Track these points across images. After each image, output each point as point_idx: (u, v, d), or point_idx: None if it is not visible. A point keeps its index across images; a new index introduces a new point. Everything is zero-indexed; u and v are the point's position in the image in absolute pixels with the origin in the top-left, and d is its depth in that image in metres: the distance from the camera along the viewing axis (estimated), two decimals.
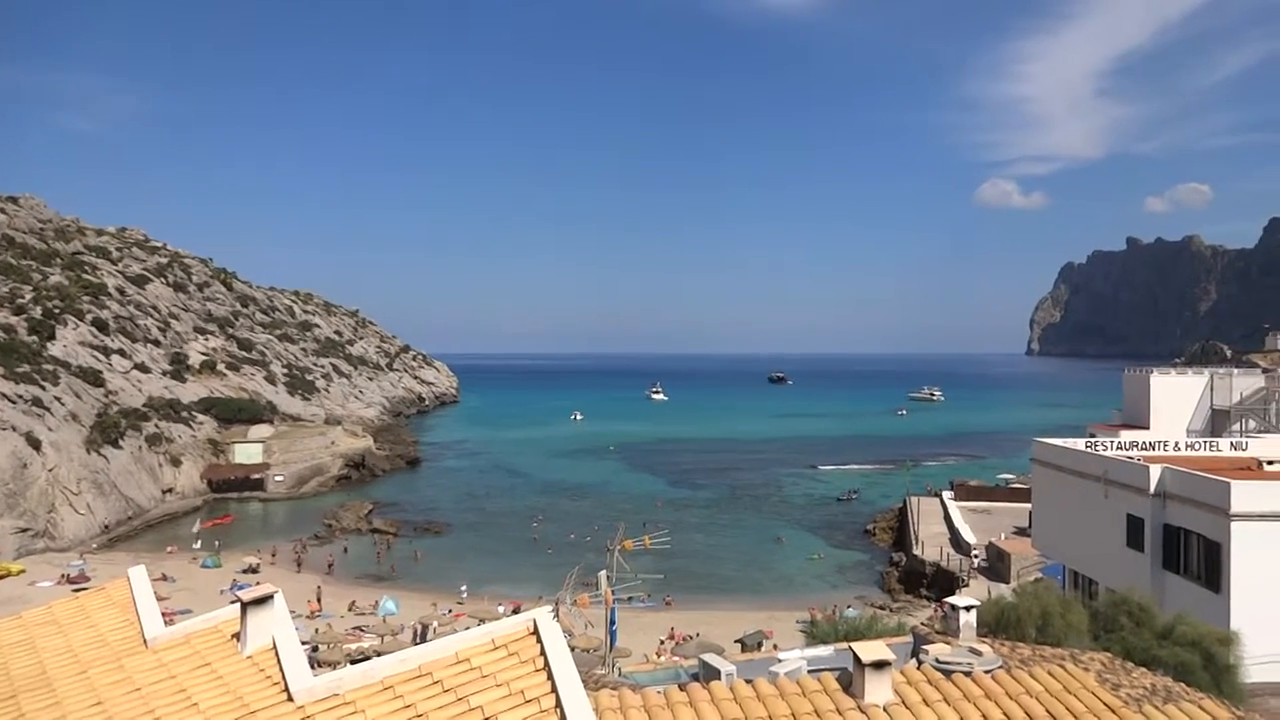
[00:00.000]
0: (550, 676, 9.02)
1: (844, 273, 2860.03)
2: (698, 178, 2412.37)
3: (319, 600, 57.47)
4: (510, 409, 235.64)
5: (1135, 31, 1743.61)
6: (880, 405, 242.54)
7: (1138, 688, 11.72)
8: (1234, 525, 25.43)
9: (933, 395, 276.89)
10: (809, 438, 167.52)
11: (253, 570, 64.81)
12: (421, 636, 45.91)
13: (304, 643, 42.52)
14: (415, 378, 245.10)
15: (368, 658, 21.51)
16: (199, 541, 75.67)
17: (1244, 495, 25.68)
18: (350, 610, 56.51)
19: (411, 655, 9.73)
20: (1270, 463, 34.40)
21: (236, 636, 11.18)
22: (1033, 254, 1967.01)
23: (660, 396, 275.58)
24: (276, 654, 10.31)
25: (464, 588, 61.56)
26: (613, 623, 30.30)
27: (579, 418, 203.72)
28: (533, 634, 9.72)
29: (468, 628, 11.32)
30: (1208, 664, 16.79)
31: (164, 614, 14.20)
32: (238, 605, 11.30)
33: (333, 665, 36.66)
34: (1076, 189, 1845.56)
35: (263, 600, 11.07)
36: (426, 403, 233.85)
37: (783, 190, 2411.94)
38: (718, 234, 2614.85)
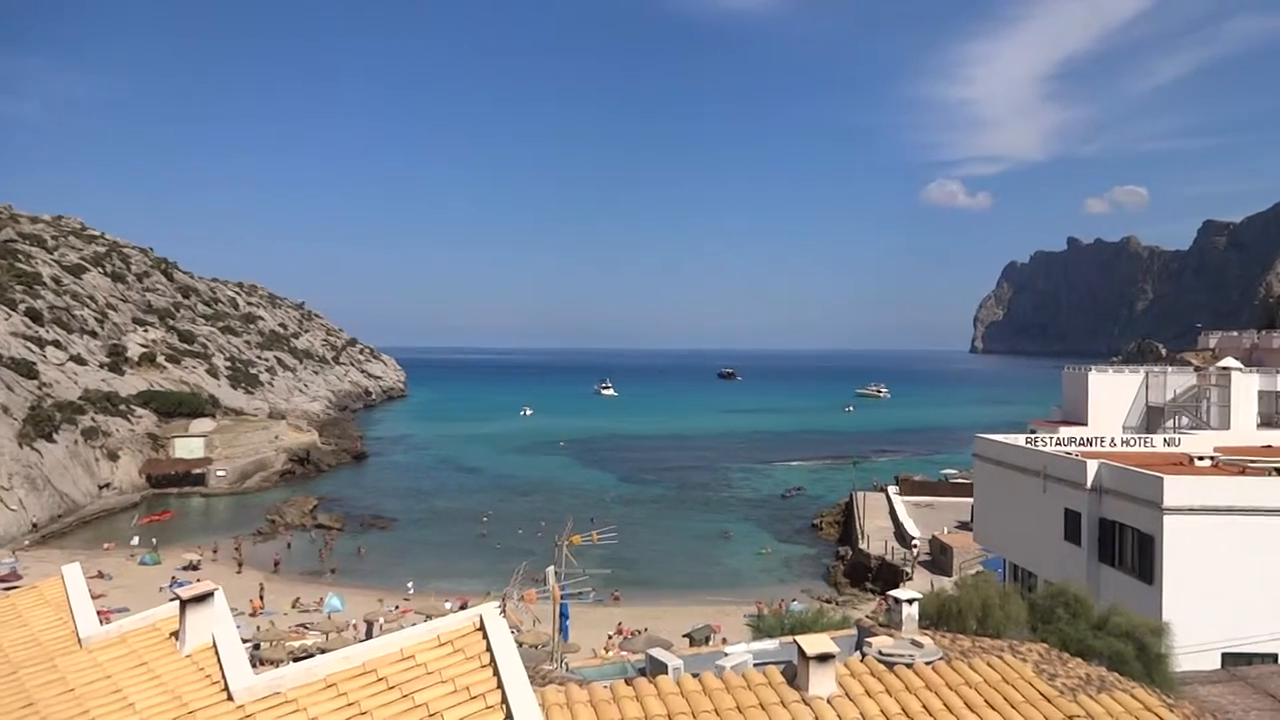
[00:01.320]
0: (496, 673, 8.98)
1: (794, 269, 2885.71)
2: (649, 172, 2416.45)
3: (261, 597, 56.56)
4: (459, 403, 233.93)
5: (1077, 37, 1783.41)
6: (828, 401, 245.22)
7: (1073, 678, 12.02)
8: (1166, 519, 26.14)
9: (879, 392, 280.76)
10: (758, 433, 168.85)
11: (193, 567, 63.58)
12: (367, 633, 45.48)
13: (246, 641, 41.76)
14: (362, 371, 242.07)
15: (311, 655, 21.22)
16: (137, 538, 73.99)
17: (1176, 490, 26.42)
18: (294, 607, 55.71)
19: (356, 652, 9.62)
20: (1201, 458, 35.46)
21: (175, 635, 10.96)
22: (977, 253, 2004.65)
23: (610, 392, 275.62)
24: (216, 652, 10.13)
25: (410, 584, 61.06)
26: (565, 617, 30.31)
27: (528, 413, 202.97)
28: (479, 630, 9.67)
29: (414, 624, 11.21)
30: (1140, 654, 17.24)
31: (100, 612, 13.87)
32: (176, 603, 11.07)
33: (275, 663, 36.11)
34: (1020, 190, 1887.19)
35: (202, 598, 10.87)
36: (374, 397, 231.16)
37: (734, 186, 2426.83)
38: (669, 229, 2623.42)
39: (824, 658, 10.68)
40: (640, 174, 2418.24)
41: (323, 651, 25.43)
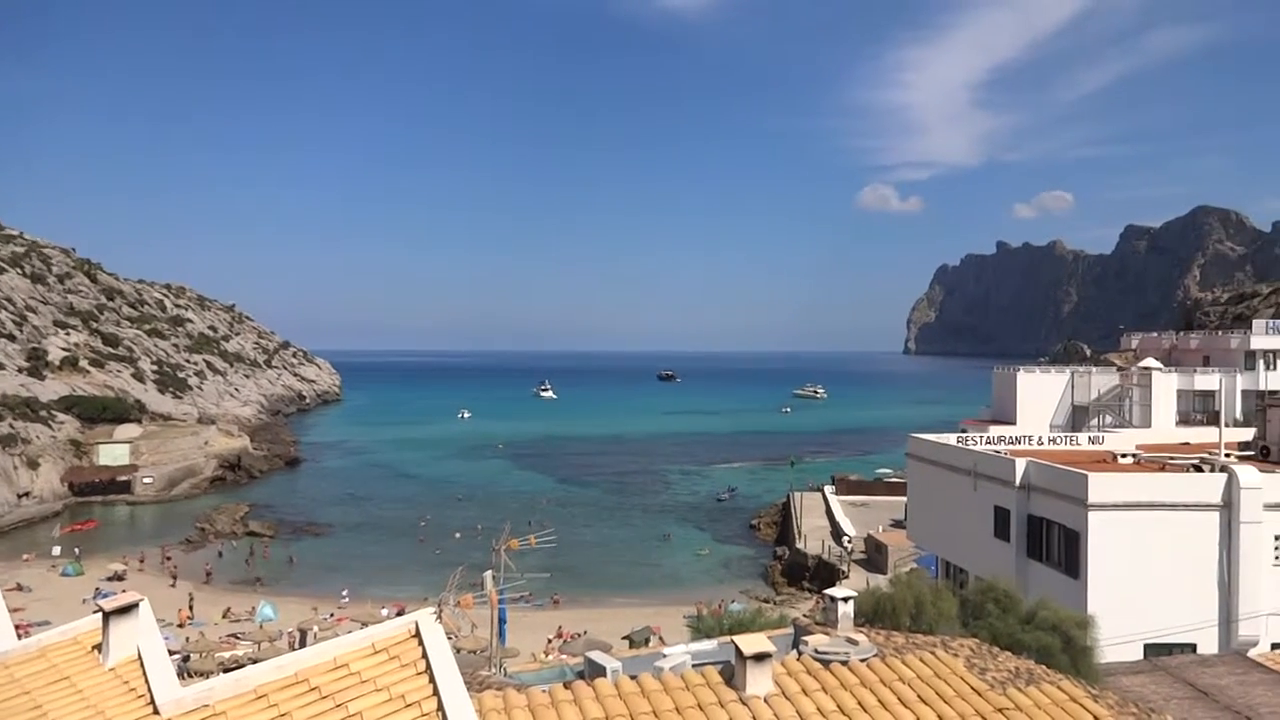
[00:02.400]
0: (432, 679, 8.89)
1: (733, 272, 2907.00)
2: (589, 173, 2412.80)
3: (191, 608, 55.18)
4: (396, 407, 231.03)
5: (1007, 46, 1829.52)
6: (766, 402, 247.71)
7: (1003, 671, 12.31)
8: (1091, 515, 26.92)
9: (816, 393, 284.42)
10: (697, 435, 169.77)
11: (118, 578, 61.66)
12: (301, 642, 44.62)
13: (174, 653, 40.76)
14: (295, 375, 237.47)
15: (242, 666, 20.72)
16: (58, 548, 71.51)
17: (1100, 487, 27.22)
18: (225, 617, 54.47)
19: (288, 662, 9.43)
20: (1124, 456, 36.61)
21: (98, 648, 10.62)
22: (910, 256, 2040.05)
23: (549, 394, 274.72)
24: (142, 665, 9.84)
25: (345, 591, 60.05)
26: (502, 621, 30.11)
27: (466, 416, 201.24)
28: (414, 636, 9.56)
29: (349, 632, 11.03)
30: (1067, 646, 17.76)
31: (18, 626, 13.41)
32: (99, 615, 10.73)
33: (205, 675, 35.25)
34: (952, 194, 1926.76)
35: (127, 609, 10.54)
36: (307, 401, 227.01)
37: (673, 188, 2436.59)
38: (609, 230, 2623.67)
39: (761, 657, 10.77)
40: (580, 174, 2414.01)
41: (254, 662, 24.86)
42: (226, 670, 34.85)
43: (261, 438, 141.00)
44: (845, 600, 13.55)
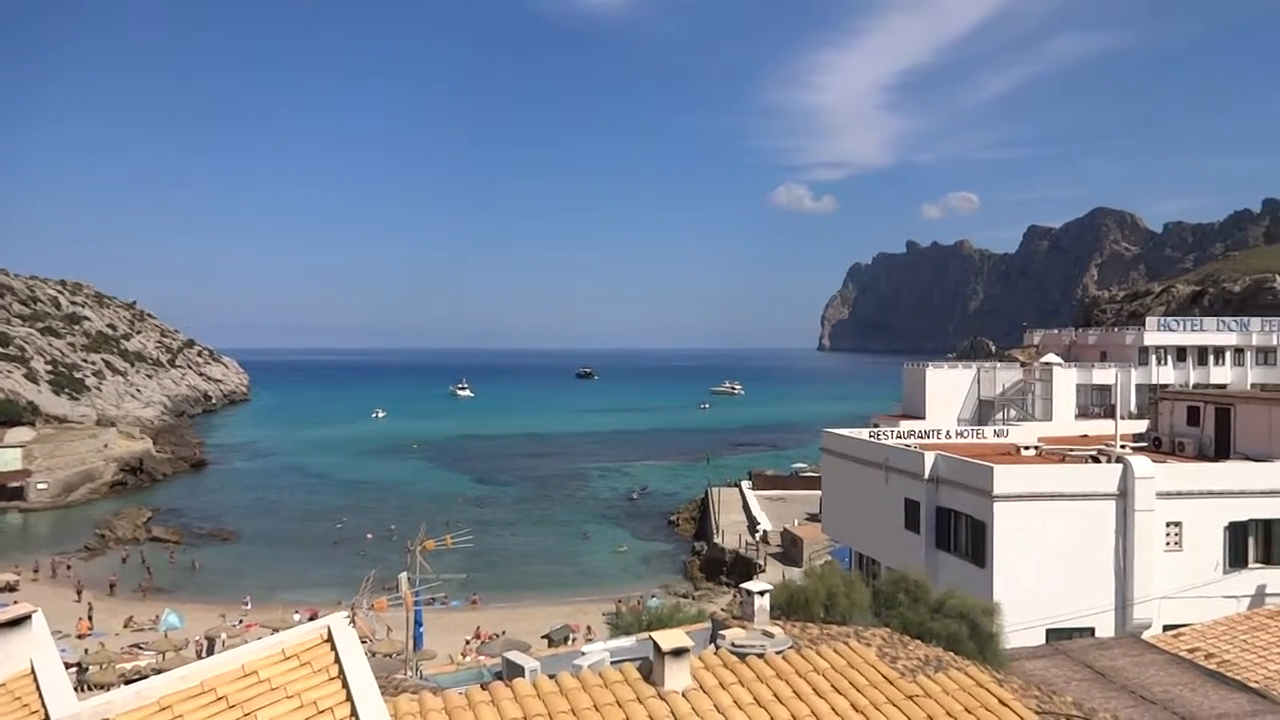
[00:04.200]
0: (345, 685, 8.70)
1: (651, 269, 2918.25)
2: (507, 169, 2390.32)
3: (90, 618, 52.99)
4: (307, 407, 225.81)
5: (916, 50, 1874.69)
6: (684, 399, 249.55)
7: (913, 659, 12.65)
8: (996, 506, 27.82)
9: (734, 389, 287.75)
10: (615, 432, 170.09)
11: (10, 589, 58.73)
12: (208, 651, 43.26)
13: (72, 665, 39.11)
14: (201, 374, 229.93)
15: (146, 677, 20.00)
16: None
17: (1004, 478, 28.14)
18: (127, 627, 52.52)
19: (193, 671, 9.12)
20: (1027, 448, 37.98)
21: None
22: (824, 255, 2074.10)
23: (466, 393, 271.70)
24: (35, 680, 9.41)
25: (247, 597, 58.18)
26: (419, 624, 29.67)
27: (381, 415, 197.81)
28: (327, 641, 9.35)
29: (259, 639, 10.74)
30: (973, 633, 18.29)
31: None
32: None
33: (105, 687, 33.85)
34: (864, 194, 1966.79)
35: (19, 621, 10.06)
36: (214, 401, 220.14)
37: (590, 185, 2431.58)
38: (526, 227, 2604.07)
39: (679, 652, 10.84)
40: (497, 170, 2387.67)
41: (158, 672, 24.01)
42: (128, 682, 33.57)
43: (165, 440, 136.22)
44: (761, 594, 13.73)
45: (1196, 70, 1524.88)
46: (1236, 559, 28.43)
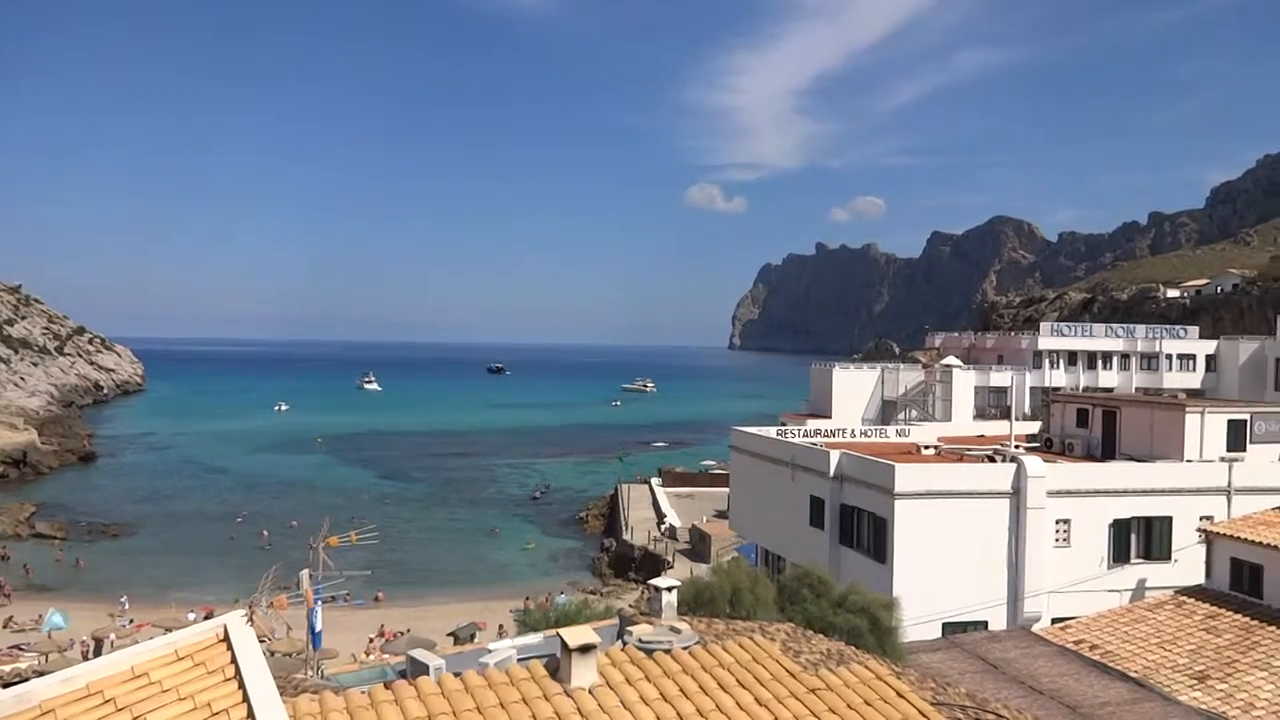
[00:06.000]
0: (242, 685, 8.46)
1: (565, 265, 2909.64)
2: (420, 167, 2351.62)
3: None
4: (206, 399, 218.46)
5: (829, 56, 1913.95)
6: (596, 396, 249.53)
7: (816, 653, 12.92)
8: (897, 503, 28.60)
9: (645, 386, 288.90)
10: (525, 428, 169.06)
11: None
12: (95, 652, 41.55)
13: None
14: (92, 363, 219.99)
15: (27, 680, 19.11)
16: None
17: (905, 477, 28.94)
18: (6, 627, 50.03)
19: (79, 673, 8.74)
20: (927, 447, 39.15)
21: None
22: (735, 254, 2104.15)
23: (373, 386, 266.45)
24: None
25: (124, 596, 55.67)
26: (314, 626, 28.92)
27: (283, 408, 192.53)
28: (223, 641, 9.08)
29: (151, 639, 10.36)
30: (874, 627, 18.80)
31: None
32: None
33: None
34: (775, 196, 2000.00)
35: None
36: (105, 391, 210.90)
37: (503, 181, 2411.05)
38: (438, 220, 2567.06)
39: (586, 649, 10.84)
40: (410, 168, 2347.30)
41: (40, 675, 22.96)
42: (7, 685, 31.98)
43: (51, 431, 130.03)
44: (669, 590, 13.83)
45: (1086, 89, 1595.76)
46: (1120, 554, 29.82)
